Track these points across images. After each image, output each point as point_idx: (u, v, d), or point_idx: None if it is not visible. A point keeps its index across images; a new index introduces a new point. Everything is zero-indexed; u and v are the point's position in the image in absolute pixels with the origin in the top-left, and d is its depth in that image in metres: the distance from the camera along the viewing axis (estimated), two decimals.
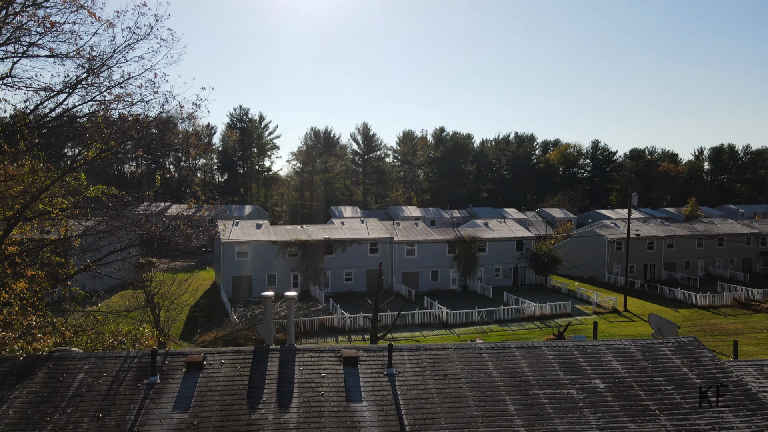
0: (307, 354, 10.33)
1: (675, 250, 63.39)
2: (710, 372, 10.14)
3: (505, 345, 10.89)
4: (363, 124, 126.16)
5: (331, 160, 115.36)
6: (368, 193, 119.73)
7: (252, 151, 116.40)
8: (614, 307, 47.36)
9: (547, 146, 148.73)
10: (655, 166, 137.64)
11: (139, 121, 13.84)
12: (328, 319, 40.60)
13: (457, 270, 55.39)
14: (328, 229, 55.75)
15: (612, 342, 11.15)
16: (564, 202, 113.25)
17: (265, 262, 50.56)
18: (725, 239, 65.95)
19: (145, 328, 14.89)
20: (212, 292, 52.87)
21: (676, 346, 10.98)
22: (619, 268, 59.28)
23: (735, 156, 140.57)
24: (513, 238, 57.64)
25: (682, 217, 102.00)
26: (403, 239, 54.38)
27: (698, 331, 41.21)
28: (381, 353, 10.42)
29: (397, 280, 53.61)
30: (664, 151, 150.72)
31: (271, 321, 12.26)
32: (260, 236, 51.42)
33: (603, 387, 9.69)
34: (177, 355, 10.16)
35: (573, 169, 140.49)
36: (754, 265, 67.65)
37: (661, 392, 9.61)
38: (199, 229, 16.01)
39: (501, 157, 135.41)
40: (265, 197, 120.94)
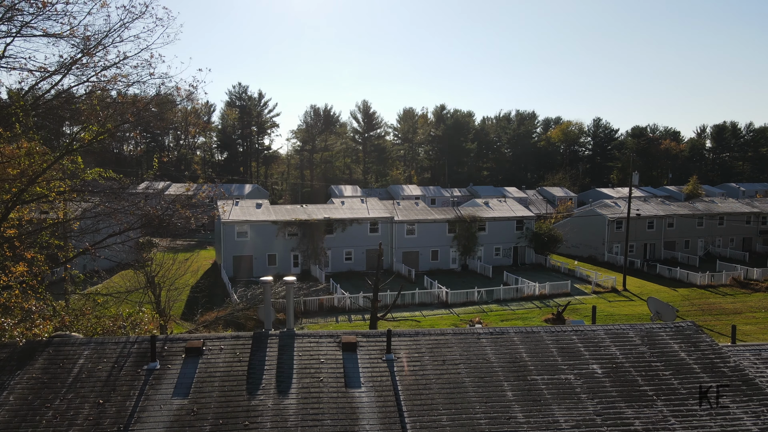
0: (306, 339, 10.36)
1: (675, 229, 63.41)
2: (708, 357, 10.17)
3: (503, 330, 10.92)
4: (363, 101, 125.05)
5: (331, 139, 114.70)
6: (368, 171, 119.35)
7: (252, 129, 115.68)
8: (613, 286, 47.56)
9: (548, 124, 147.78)
10: (656, 144, 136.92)
11: (136, 102, 13.66)
12: (329, 299, 40.81)
13: (457, 249, 55.49)
14: (328, 208, 55.70)
15: (610, 327, 11.18)
16: (565, 180, 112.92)
17: (265, 242, 50.64)
18: (725, 218, 65.92)
19: (145, 312, 14.90)
20: (213, 271, 53.07)
21: (675, 331, 11.00)
22: (619, 247, 59.38)
23: (737, 134, 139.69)
24: (513, 217, 57.61)
25: (683, 196, 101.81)
26: (403, 219, 54.37)
27: (697, 311, 41.45)
28: (380, 339, 10.45)
29: (397, 260, 53.75)
30: (666, 128, 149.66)
31: (270, 305, 12.28)
32: (260, 216, 51.40)
33: (601, 372, 9.74)
34: (176, 340, 10.19)
35: (574, 147, 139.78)
36: (754, 244, 67.74)
37: (659, 378, 9.65)
38: (198, 210, 15.90)
39: (502, 135, 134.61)
40: (265, 176, 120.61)
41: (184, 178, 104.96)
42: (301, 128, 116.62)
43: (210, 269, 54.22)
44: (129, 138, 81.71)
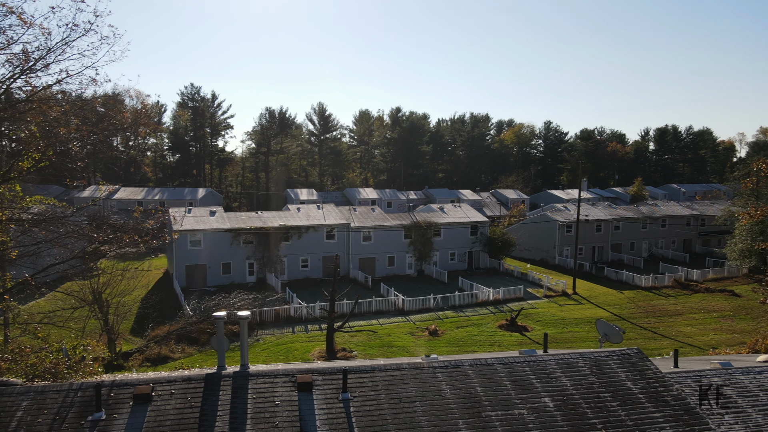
0: (260, 380, 10.17)
1: (621, 232, 65.84)
2: (653, 386, 10.58)
3: (458, 363, 11.03)
4: (319, 103, 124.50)
5: (287, 141, 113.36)
6: (325, 174, 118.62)
7: (205, 130, 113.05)
8: (564, 290, 48.95)
9: (501, 126, 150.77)
10: (603, 147, 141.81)
11: (80, 128, 13.09)
12: (285, 309, 40.34)
13: (413, 255, 55.88)
14: (284, 215, 55.05)
15: (561, 356, 11.47)
16: (517, 182, 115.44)
17: (219, 251, 49.61)
18: (667, 221, 68.93)
19: (89, 345, 14.29)
20: (164, 281, 51.57)
21: (621, 358, 11.39)
22: (569, 250, 61.18)
23: (678, 137, 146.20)
24: (468, 222, 58.46)
25: (629, 197, 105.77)
26: (360, 225, 54.33)
27: (642, 313, 43.15)
28: (336, 377, 10.38)
29: (353, 266, 53.66)
30: (612, 131, 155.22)
31: (223, 339, 12.02)
32: (214, 224, 50.32)
33: (552, 406, 9.98)
34: (123, 385, 9.82)
35: (526, 149, 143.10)
36: (694, 245, 71.10)
37: (607, 409, 9.97)
38: (147, 235, 15.37)
39: (457, 137, 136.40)
40: (219, 178, 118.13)
41: (134, 182, 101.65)
42: (255, 130, 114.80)
43: (162, 279, 52.67)
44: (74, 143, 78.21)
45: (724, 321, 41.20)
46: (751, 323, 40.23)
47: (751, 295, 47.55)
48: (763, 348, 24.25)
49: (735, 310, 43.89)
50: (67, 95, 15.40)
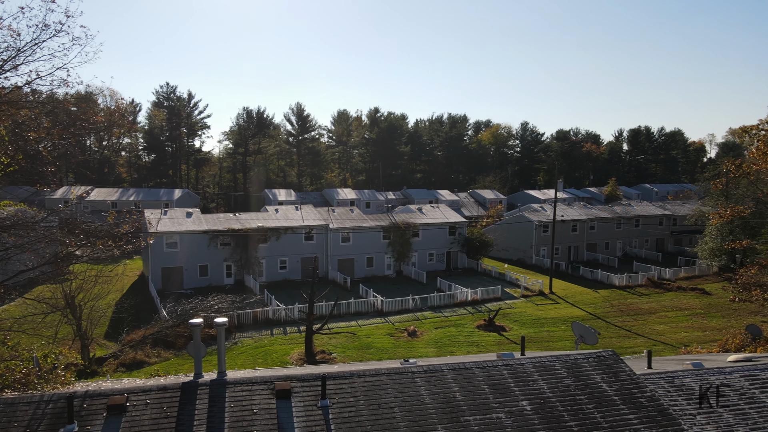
0: (238, 388, 10.08)
1: (596, 231, 66.88)
2: (627, 388, 10.77)
3: (437, 368, 11.08)
4: (297, 104, 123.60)
5: (265, 141, 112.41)
6: (303, 174, 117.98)
7: (181, 130, 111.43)
8: (541, 290, 49.52)
9: (479, 127, 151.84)
10: (578, 147, 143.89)
11: (50, 132, 12.79)
12: (263, 312, 40.00)
13: (392, 256, 55.94)
14: (262, 216, 54.61)
15: (538, 359, 11.60)
16: (495, 183, 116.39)
17: (196, 253, 48.97)
18: (641, 221, 70.24)
19: (62, 352, 13.96)
20: (140, 284, 50.72)
21: (597, 361, 11.57)
22: (546, 250, 61.93)
23: (651, 138, 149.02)
24: (446, 223, 58.74)
25: (603, 197, 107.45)
26: (339, 226, 54.19)
27: (616, 312, 43.89)
28: (314, 383, 10.33)
29: (332, 268, 53.49)
30: (587, 132, 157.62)
31: (200, 347, 11.88)
32: (191, 226, 49.65)
33: (530, 409, 10.09)
34: (97, 396, 9.63)
35: (503, 149, 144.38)
36: (666, 244, 72.59)
37: (583, 412, 10.11)
38: (120, 242, 15.08)
39: (435, 137, 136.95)
40: (196, 179, 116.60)
41: (108, 183, 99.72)
42: (233, 130, 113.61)
43: (137, 282, 51.79)
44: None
45: (695, 319, 42.14)
46: (721, 321, 41.23)
47: (721, 293, 48.78)
48: (733, 347, 24.87)
49: (706, 308, 44.94)
50: (38, 96, 15.07)
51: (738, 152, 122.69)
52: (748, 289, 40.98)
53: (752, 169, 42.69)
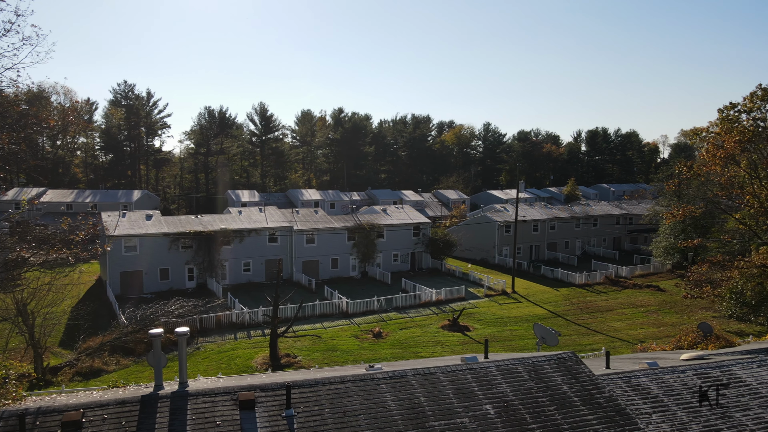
0: (200, 400, 9.89)
1: (556, 231, 68.42)
2: (586, 389, 11.06)
3: (402, 373, 11.14)
4: (260, 103, 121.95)
5: (227, 141, 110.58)
6: (267, 175, 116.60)
7: (140, 130, 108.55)
8: (503, 289, 50.33)
9: (442, 127, 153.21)
10: (539, 148, 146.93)
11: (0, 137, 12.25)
12: (227, 315, 39.38)
13: (357, 257, 55.91)
14: (225, 218, 53.74)
15: (501, 362, 11.79)
16: (458, 183, 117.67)
17: (157, 256, 47.82)
18: (599, 220, 72.23)
19: (12, 365, 13.40)
20: (97, 289, 49.20)
21: (557, 363, 11.85)
22: (508, 249, 62.99)
23: (607, 139, 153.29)
24: (410, 224, 59.06)
25: (563, 197, 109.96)
26: (303, 228, 53.81)
27: (576, 310, 45.00)
28: (279, 392, 10.24)
29: (297, 270, 53.09)
30: (547, 133, 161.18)
31: (160, 357, 11.59)
32: (151, 228, 48.44)
33: (493, 413, 10.25)
34: (51, 412, 9.29)
35: (466, 150, 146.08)
36: (623, 243, 74.86)
37: (545, 414, 10.34)
38: (76, 249, 14.59)
39: (399, 138, 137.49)
40: (156, 180, 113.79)
41: (63, 184, 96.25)
42: (194, 130, 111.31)
43: (94, 286, 50.22)
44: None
45: (650, 315, 43.58)
46: (675, 317, 42.77)
47: (674, 290, 50.63)
48: (686, 344, 25.85)
49: (660, 305, 46.54)
50: None
51: (689, 153, 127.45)
52: (700, 286, 42.61)
53: (703, 170, 44.45)
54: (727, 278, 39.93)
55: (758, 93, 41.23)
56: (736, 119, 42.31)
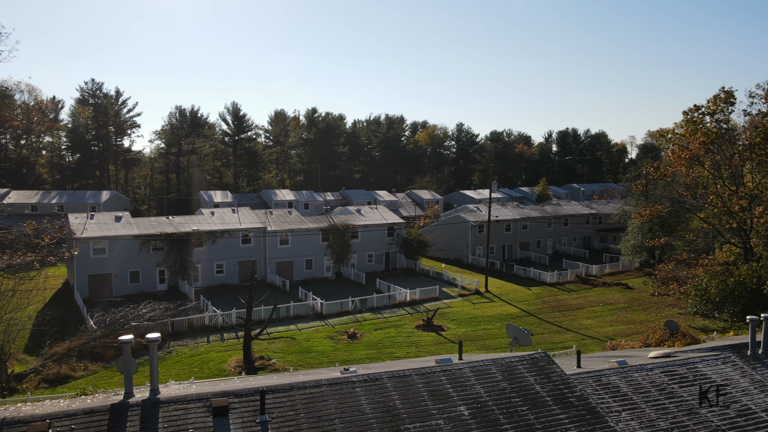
0: (172, 407, 9.73)
1: (529, 231, 69.37)
2: (558, 388, 11.26)
3: (377, 376, 11.16)
4: (233, 103, 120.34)
5: (199, 141, 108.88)
6: (240, 175, 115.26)
7: (108, 129, 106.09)
8: (477, 288, 50.81)
9: (416, 128, 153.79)
10: (511, 148, 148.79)
11: None
12: (199, 318, 38.83)
13: (331, 258, 55.75)
14: (197, 220, 52.96)
15: (475, 363, 11.91)
16: (432, 183, 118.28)
17: (126, 258, 46.85)
18: (569, 220, 73.51)
19: None
20: (65, 293, 47.95)
21: (530, 363, 12.02)
22: (481, 249, 63.60)
23: (577, 139, 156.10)
24: (385, 224, 59.15)
25: (535, 197, 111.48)
26: (277, 229, 53.40)
27: (548, 309, 45.70)
28: (253, 398, 10.15)
29: (271, 271, 52.65)
30: (519, 133, 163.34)
31: (131, 364, 11.37)
32: (120, 230, 47.44)
33: (467, 414, 10.35)
34: (15, 424, 9.03)
35: (440, 150, 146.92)
36: (593, 241, 76.33)
37: (518, 414, 10.48)
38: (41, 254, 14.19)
39: (372, 138, 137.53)
40: (125, 180, 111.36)
41: (27, 185, 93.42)
42: (165, 129, 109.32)
43: (62, 290, 48.93)
44: None
45: (619, 313, 44.54)
46: (642, 314, 43.80)
47: (642, 287, 51.85)
48: (654, 342, 26.54)
49: (629, 302, 47.59)
50: None
51: (656, 154, 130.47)
52: (666, 284, 43.79)
53: (668, 171, 45.63)
54: (692, 276, 41.13)
55: (721, 96, 42.59)
56: (700, 121, 43.60)
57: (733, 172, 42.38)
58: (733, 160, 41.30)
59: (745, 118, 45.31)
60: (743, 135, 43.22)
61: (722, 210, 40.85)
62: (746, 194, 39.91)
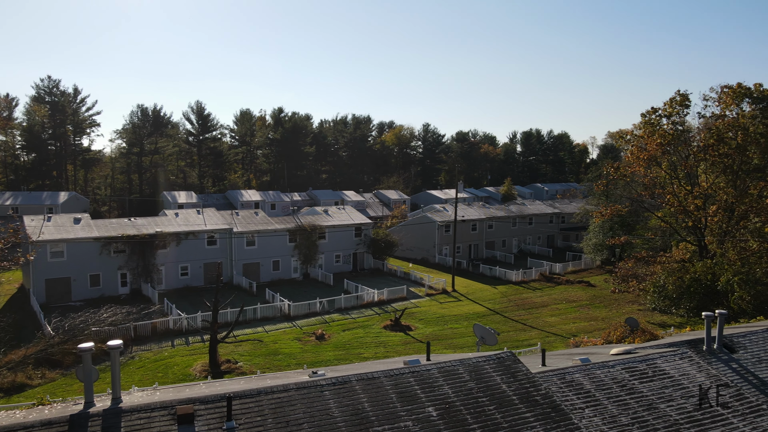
0: (135, 416, 9.50)
1: (494, 230, 70.36)
2: (524, 387, 11.46)
3: (346, 379, 11.14)
4: (197, 102, 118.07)
5: (162, 141, 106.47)
6: (204, 175, 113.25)
7: (66, 128, 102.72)
8: (444, 288, 51.25)
9: (382, 128, 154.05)
10: (477, 148, 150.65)
11: None
12: (163, 322, 38.04)
13: (299, 259, 55.38)
14: (161, 221, 51.83)
15: (443, 364, 12.02)
16: (399, 183, 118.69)
17: (86, 262, 45.50)
18: (534, 219, 74.89)
19: None
20: (20, 298, 46.22)
21: (496, 362, 12.21)
22: (448, 249, 64.19)
23: (541, 140, 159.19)
24: (352, 224, 59.08)
25: (500, 197, 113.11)
26: (243, 230, 52.72)
27: (513, 307, 46.44)
28: (219, 404, 9.99)
29: (237, 272, 51.96)
30: (485, 133, 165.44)
31: (91, 372, 11.05)
32: (80, 233, 46.04)
33: (436, 415, 10.43)
34: None
35: (407, 150, 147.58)
36: (556, 240, 77.94)
37: (485, 414, 10.63)
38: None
39: (339, 138, 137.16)
40: (84, 181, 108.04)
41: None
42: (126, 128, 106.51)
43: (16, 295, 47.15)
44: None
45: (582, 310, 45.61)
46: (604, 311, 44.96)
47: (603, 285, 53.22)
48: (615, 339, 27.32)
49: (591, 299, 48.78)
50: None
51: (616, 154, 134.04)
52: (626, 281, 45.09)
53: (628, 171, 46.96)
54: (650, 273, 42.47)
55: (677, 98, 44.08)
56: (658, 123, 45.02)
57: (689, 172, 43.95)
58: (688, 161, 42.83)
59: (699, 120, 47.03)
60: (698, 137, 44.82)
61: (678, 209, 42.32)
62: (701, 194, 41.44)
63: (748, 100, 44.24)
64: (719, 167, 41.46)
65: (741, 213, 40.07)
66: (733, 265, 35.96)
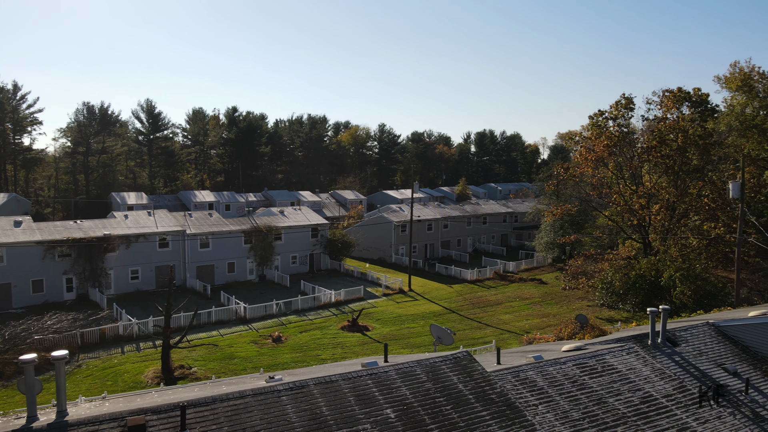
0: (82, 430, 9.16)
1: (449, 230, 71.30)
2: (480, 386, 11.70)
3: (303, 383, 11.08)
4: (147, 100, 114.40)
5: (110, 140, 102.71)
6: (156, 176, 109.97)
7: (5, 126, 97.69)
8: (401, 288, 51.57)
9: (338, 128, 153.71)
10: (432, 149, 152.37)
11: None
12: (113, 328, 36.71)
13: (254, 260, 54.58)
14: (109, 223, 50.02)
15: (400, 365, 12.12)
16: (355, 183, 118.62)
17: (28, 266, 43.43)
18: (488, 218, 76.29)
19: None
20: None
21: (453, 362, 12.40)
22: (404, 249, 64.62)
23: (494, 140, 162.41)
24: (308, 225, 58.67)
25: (455, 196, 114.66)
26: (197, 231, 51.52)
27: (469, 305, 47.19)
28: (173, 414, 9.76)
29: (190, 275, 50.73)
30: (440, 134, 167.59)
31: (34, 384, 10.58)
32: (21, 236, 43.89)
33: (394, 417, 10.52)
34: None
35: (363, 150, 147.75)
36: (510, 239, 79.66)
37: (442, 413, 10.79)
38: None
39: (295, 138, 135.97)
40: (25, 181, 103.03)
41: None
42: (71, 127, 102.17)
43: None
44: None
45: (534, 307, 46.79)
46: (555, 307, 46.27)
47: (555, 282, 54.76)
48: (566, 335, 28.22)
49: (543, 297, 50.10)
50: None
51: (565, 155, 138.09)
52: (576, 278, 46.58)
53: (577, 172, 48.50)
54: (598, 270, 44.04)
55: (622, 102, 45.82)
56: (604, 125, 46.68)
57: (634, 172, 45.80)
58: (633, 162, 44.62)
59: (643, 122, 49.05)
60: (642, 138, 46.75)
61: (624, 208, 44.05)
62: (645, 193, 43.25)
63: (687, 104, 46.46)
64: (661, 168, 43.36)
65: (682, 211, 42.05)
66: (675, 261, 37.71)
